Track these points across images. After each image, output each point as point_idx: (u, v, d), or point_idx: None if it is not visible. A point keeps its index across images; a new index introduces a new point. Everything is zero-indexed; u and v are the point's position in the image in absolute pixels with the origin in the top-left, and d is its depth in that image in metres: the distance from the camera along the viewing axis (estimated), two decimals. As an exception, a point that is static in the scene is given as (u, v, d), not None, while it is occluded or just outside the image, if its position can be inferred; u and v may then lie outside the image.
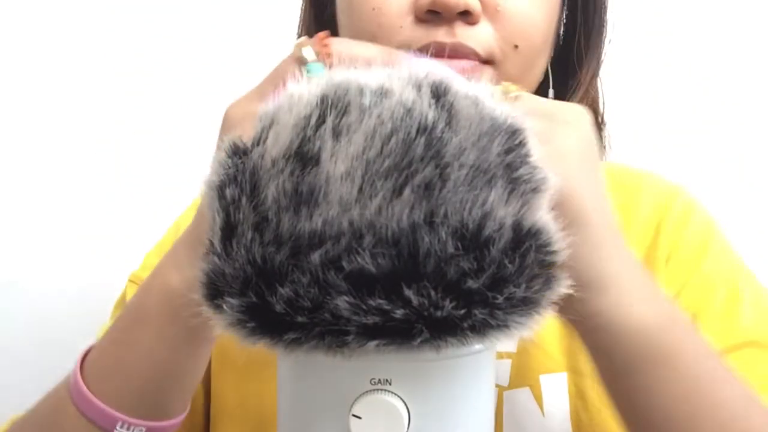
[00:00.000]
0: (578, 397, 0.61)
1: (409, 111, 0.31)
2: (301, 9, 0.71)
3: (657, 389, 0.43)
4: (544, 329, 0.62)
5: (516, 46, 0.55)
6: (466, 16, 0.53)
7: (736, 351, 0.57)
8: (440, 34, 0.53)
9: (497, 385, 0.62)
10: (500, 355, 0.62)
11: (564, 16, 0.65)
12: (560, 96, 0.66)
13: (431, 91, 0.33)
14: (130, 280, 0.70)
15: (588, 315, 0.41)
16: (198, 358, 0.49)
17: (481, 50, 0.54)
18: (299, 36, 0.71)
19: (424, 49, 0.53)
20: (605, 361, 0.43)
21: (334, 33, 0.63)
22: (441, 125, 0.31)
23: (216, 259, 0.32)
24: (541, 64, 0.60)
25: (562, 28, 0.66)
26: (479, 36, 0.54)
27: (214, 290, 0.32)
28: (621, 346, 0.42)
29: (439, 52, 0.53)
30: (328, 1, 0.66)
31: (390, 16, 0.54)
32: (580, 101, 0.65)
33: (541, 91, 0.63)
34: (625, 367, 0.42)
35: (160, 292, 0.47)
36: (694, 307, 0.60)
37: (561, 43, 0.66)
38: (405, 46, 0.52)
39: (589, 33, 0.66)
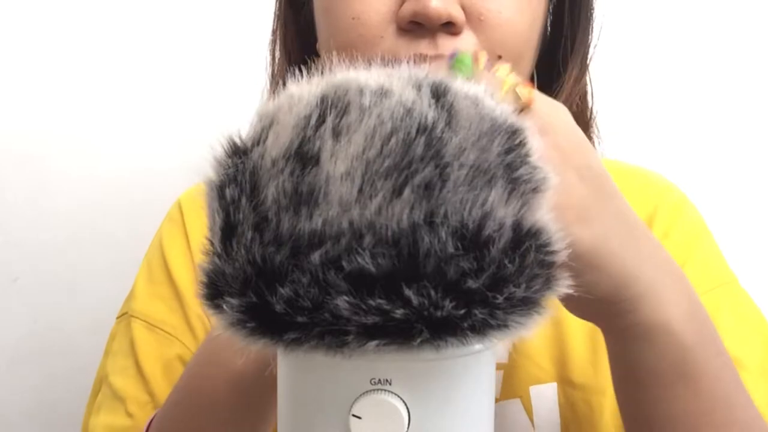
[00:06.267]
0: (568, 408, 0.61)
1: (409, 111, 0.31)
2: (276, 11, 0.69)
3: (676, 404, 0.43)
4: (534, 339, 0.62)
5: (499, 57, 0.54)
6: (449, 26, 0.52)
7: None
8: (422, 46, 0.52)
9: None
10: None
11: (550, 18, 0.64)
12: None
13: (431, 91, 0.33)
14: (133, 316, 0.69)
15: (624, 327, 0.41)
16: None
17: None
18: (273, 39, 0.69)
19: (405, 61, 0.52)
20: (629, 371, 0.43)
21: (312, 37, 0.62)
22: (441, 125, 0.31)
23: (216, 259, 0.32)
24: (525, 69, 0.59)
25: (548, 30, 0.65)
26: (462, 47, 0.53)
27: (215, 290, 0.32)
28: (652, 358, 0.42)
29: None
30: (305, 3, 0.65)
31: (371, 27, 0.53)
32: (566, 101, 0.64)
33: None
34: (649, 379, 0.43)
35: (229, 380, 0.48)
36: None
37: (547, 44, 0.65)
38: (386, 57, 0.51)
39: (575, 35, 0.65)
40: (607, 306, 0.41)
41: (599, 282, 0.40)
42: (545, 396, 0.61)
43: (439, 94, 0.33)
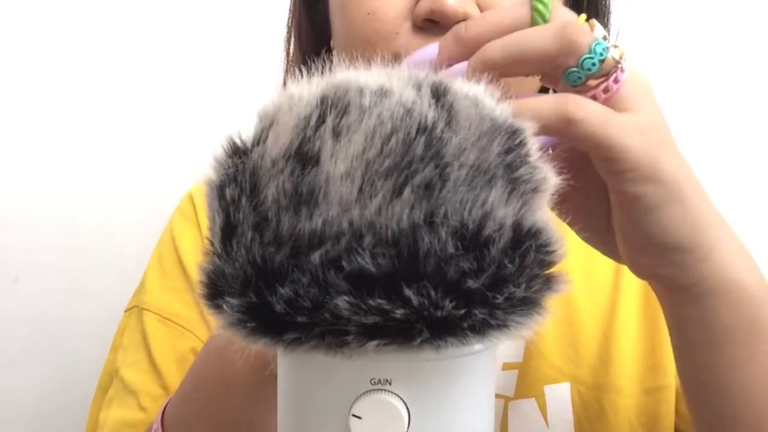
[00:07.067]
0: (581, 407, 0.61)
1: (409, 111, 0.31)
2: (290, 7, 0.69)
3: (752, 364, 0.42)
4: (548, 338, 0.62)
5: None
6: None
7: None
8: None
9: (503, 396, 0.62)
10: (507, 366, 0.62)
11: None
12: None
13: (431, 91, 0.33)
14: (145, 309, 0.68)
15: (695, 281, 0.41)
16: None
17: None
18: (288, 35, 0.70)
19: None
20: (701, 332, 0.42)
21: (327, 34, 0.63)
22: (441, 125, 0.31)
23: (216, 259, 0.32)
24: None
25: None
26: None
27: (215, 290, 0.32)
28: (725, 315, 0.41)
29: None
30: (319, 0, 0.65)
31: (386, 23, 0.52)
32: None
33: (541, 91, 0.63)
34: (723, 338, 0.41)
35: (249, 362, 0.48)
36: None
37: None
38: (400, 54, 0.50)
39: None
40: (681, 254, 0.40)
41: (679, 216, 0.39)
42: (559, 395, 0.61)
43: (439, 94, 0.33)
